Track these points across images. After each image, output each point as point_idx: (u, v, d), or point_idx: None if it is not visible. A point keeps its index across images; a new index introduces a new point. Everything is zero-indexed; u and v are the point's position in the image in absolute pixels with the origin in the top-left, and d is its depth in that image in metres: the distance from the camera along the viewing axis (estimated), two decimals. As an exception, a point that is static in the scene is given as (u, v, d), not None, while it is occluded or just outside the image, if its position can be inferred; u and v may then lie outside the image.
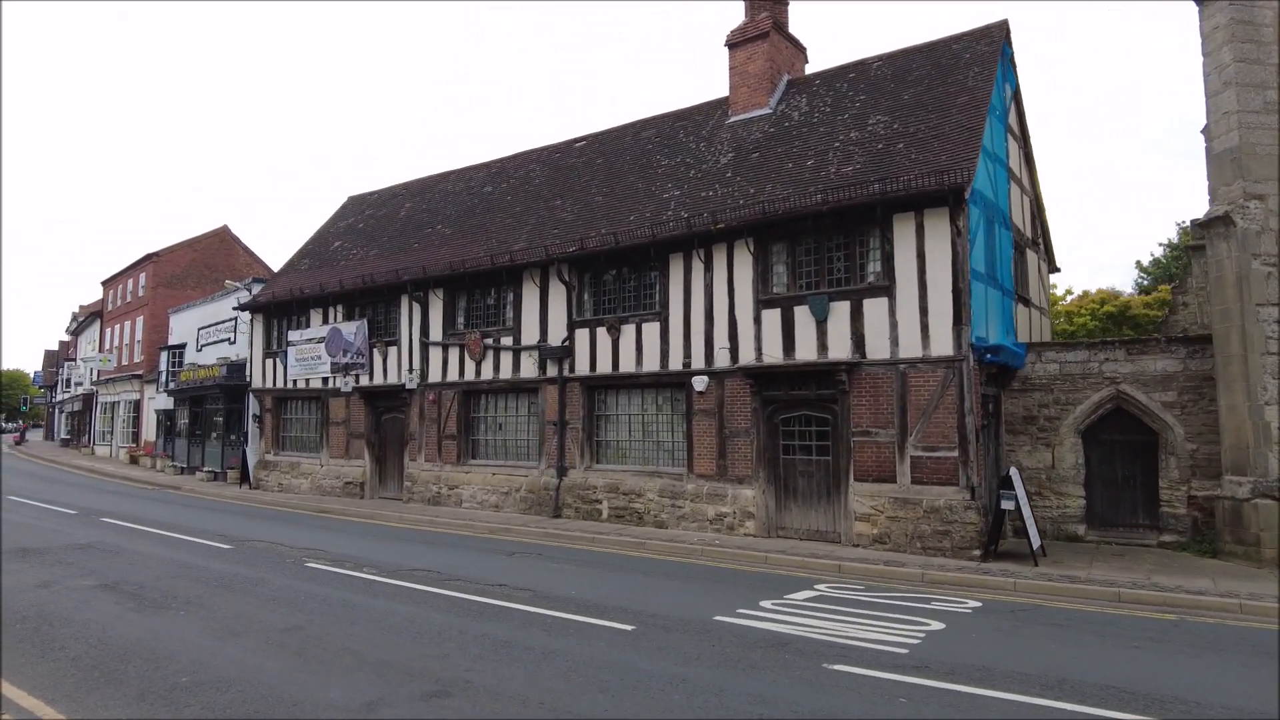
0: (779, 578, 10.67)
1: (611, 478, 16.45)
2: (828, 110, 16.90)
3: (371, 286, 21.03)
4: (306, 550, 12.24)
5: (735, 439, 14.86)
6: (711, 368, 15.20)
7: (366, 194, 28.27)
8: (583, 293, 17.45)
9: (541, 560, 11.76)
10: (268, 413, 24.90)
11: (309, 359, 23.13)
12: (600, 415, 17.12)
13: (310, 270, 24.78)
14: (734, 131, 18.12)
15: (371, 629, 7.42)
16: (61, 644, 7.02)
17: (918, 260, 13.22)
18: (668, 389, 16.09)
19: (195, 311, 32.86)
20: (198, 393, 30.27)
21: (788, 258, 14.67)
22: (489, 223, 20.85)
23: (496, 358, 18.63)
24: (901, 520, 13.00)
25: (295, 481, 23.38)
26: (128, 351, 40.41)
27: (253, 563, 11.08)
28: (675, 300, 15.77)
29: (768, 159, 16.47)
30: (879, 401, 13.42)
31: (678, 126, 19.82)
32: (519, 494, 17.90)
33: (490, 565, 11.19)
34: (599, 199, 18.76)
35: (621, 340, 16.44)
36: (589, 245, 16.83)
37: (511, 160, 23.79)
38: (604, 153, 20.81)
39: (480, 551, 12.74)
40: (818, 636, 7.33)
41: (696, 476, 15.28)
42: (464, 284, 19.45)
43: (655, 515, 15.59)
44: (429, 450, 20.01)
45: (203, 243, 39.42)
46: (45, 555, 11.66)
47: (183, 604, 8.47)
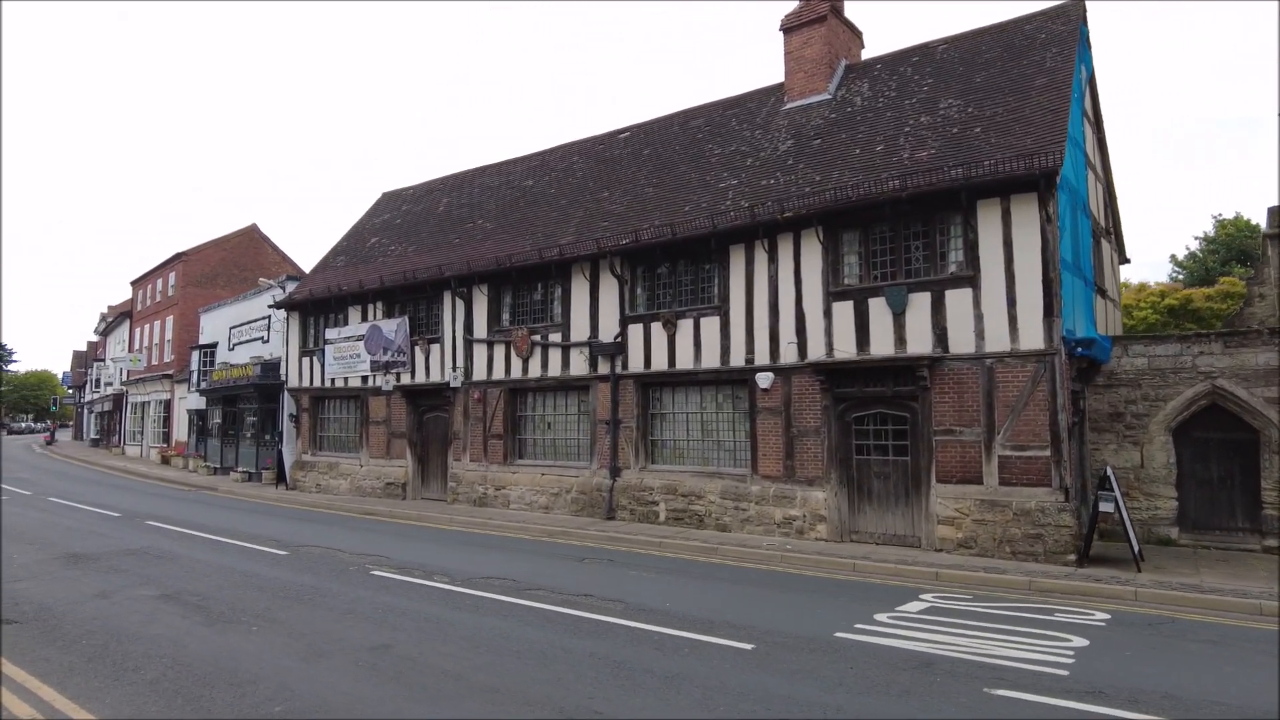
0: (875, 587, 10.00)
1: (668, 479, 15.81)
2: (893, 95, 16.17)
3: (413, 283, 20.48)
4: (366, 556, 11.69)
5: (804, 438, 14.18)
6: (777, 364, 14.52)
7: (401, 190, 27.78)
8: (635, 287, 16.82)
9: (615, 567, 11.13)
10: (304, 412, 24.46)
11: (347, 357, 22.64)
12: (655, 414, 16.48)
13: (346, 267, 24.31)
14: (791, 118, 17.42)
15: (466, 647, 6.82)
16: (134, 664, 6.47)
17: (1004, 249, 12.48)
18: (728, 386, 15.43)
19: (227, 310, 32.53)
20: (230, 392, 29.91)
21: (860, 247, 13.97)
22: (532, 216, 20.26)
23: (544, 355, 18.04)
24: (989, 523, 12.28)
25: (334, 482, 22.92)
26: (157, 351, 40.21)
27: (314, 570, 10.53)
28: (736, 293, 15.10)
29: (832, 145, 15.76)
30: (963, 398, 12.70)
31: (729, 115, 19.14)
32: (570, 495, 17.30)
33: (565, 573, 10.59)
34: (649, 190, 18.12)
35: (678, 335, 15.80)
36: (643, 237, 16.19)
37: (552, 153, 23.19)
38: (651, 143, 20.17)
39: (546, 557, 12.14)
40: (959, 655, 6.66)
41: (761, 478, 14.61)
42: (509, 279, 18.87)
43: (717, 518, 14.94)
44: (474, 450, 19.46)
45: (231, 241, 39.13)
46: (98, 561, 11.17)
47: (253, 618, 7.91)
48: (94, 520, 16.23)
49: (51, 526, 15.16)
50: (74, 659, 6.61)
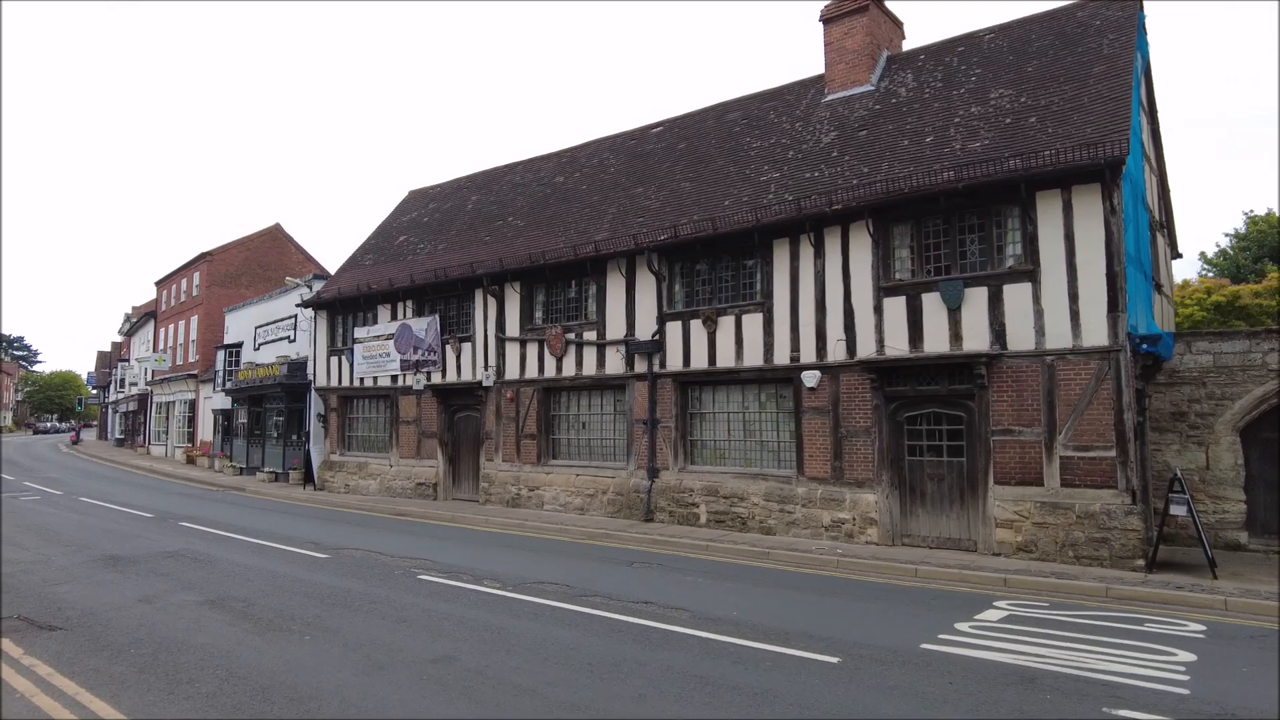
0: (942, 594, 9.57)
1: (709, 480, 15.42)
2: (939, 85, 15.69)
3: (444, 281, 20.19)
4: (409, 559, 11.37)
5: (853, 439, 13.74)
6: (824, 361, 14.09)
7: (428, 188, 27.54)
8: (673, 283, 16.43)
9: (667, 572, 10.75)
10: (333, 412, 24.24)
11: (377, 356, 22.41)
12: (694, 413, 16.09)
13: (375, 266, 24.07)
14: (833, 110, 16.98)
15: (534, 659, 6.46)
16: (188, 676, 6.15)
17: (1065, 241, 12.01)
18: (772, 385, 15.01)
19: (252, 310, 32.43)
20: (257, 392, 29.80)
21: (912, 241, 13.52)
22: (565, 213, 19.92)
23: (579, 353, 17.69)
24: (1050, 527, 11.80)
25: (363, 483, 22.68)
26: (182, 351, 40.25)
27: (359, 575, 10.22)
28: (780, 289, 14.68)
29: (878, 137, 15.31)
30: (1022, 397, 12.23)
31: (767, 107, 18.72)
32: (606, 496, 16.94)
33: (617, 578, 10.21)
34: (686, 185, 17.73)
35: (719, 333, 15.40)
36: (682, 233, 15.80)
37: (582, 149, 22.84)
38: (685, 137, 19.77)
39: (591, 560, 11.78)
40: (1060, 669, 6.23)
41: (808, 479, 14.19)
42: (542, 277, 18.54)
43: (761, 521, 14.53)
44: (506, 450, 19.14)
45: (255, 241, 39.10)
46: (137, 565, 10.91)
47: (304, 626, 7.59)
48: (127, 521, 16.03)
49: (86, 528, 14.96)
50: (124, 669, 6.31)
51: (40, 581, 9.90)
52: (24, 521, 15.88)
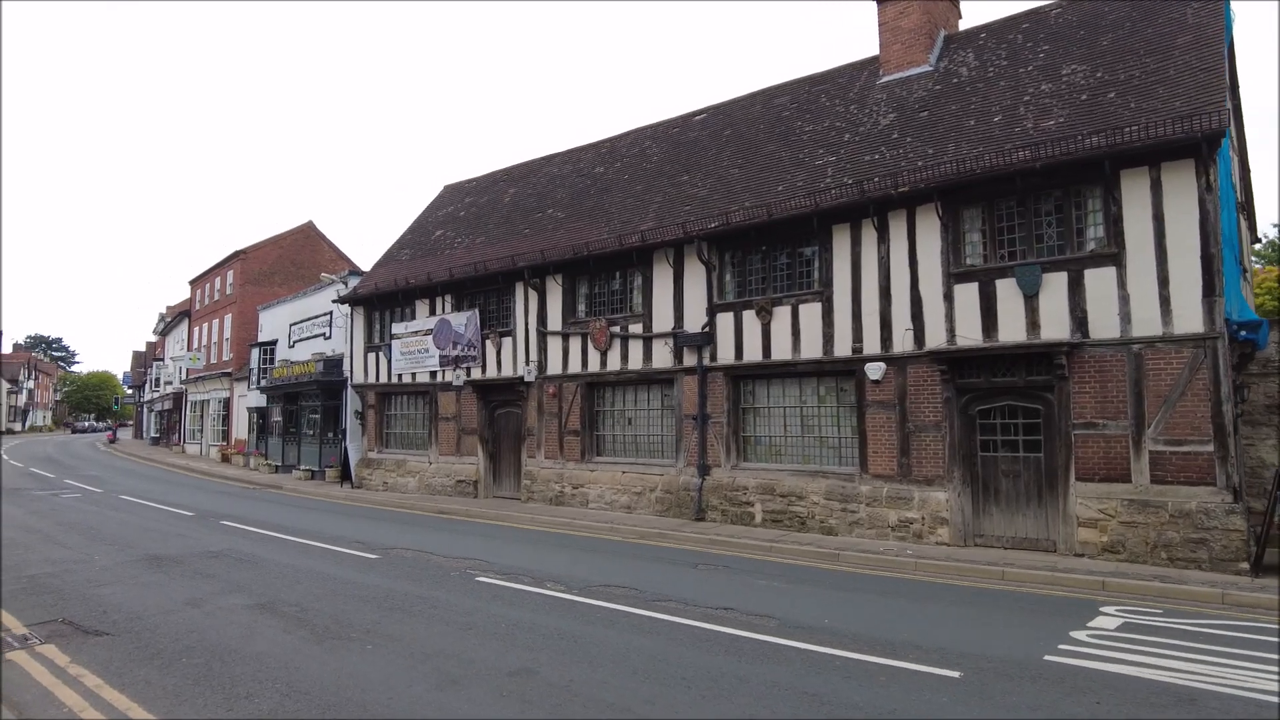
0: (1038, 598, 8.87)
1: (764, 478, 14.78)
2: (1004, 64, 14.91)
3: (484, 274, 19.73)
4: (463, 560, 10.86)
5: (921, 434, 13.04)
6: (889, 353, 13.40)
7: (464, 182, 27.13)
8: (724, 273, 15.81)
9: (736, 575, 10.13)
10: (370, 409, 23.91)
11: (415, 352, 22.01)
12: (747, 408, 15.46)
13: (412, 260, 23.69)
14: (890, 92, 16.25)
15: (621, 673, 5.89)
16: (246, 689, 5.66)
17: (1154, 222, 11.23)
18: (832, 378, 14.35)
19: (286, 307, 32.27)
20: (292, 389, 29.61)
21: (984, 225, 12.79)
22: (606, 204, 19.37)
23: (624, 347, 17.13)
24: (1139, 526, 11.03)
25: (402, 480, 22.31)
26: (216, 350, 40.30)
27: (413, 576, 9.72)
28: (841, 277, 14.01)
29: (940, 117, 14.56)
30: (1106, 388, 11.47)
31: (817, 91, 18.02)
32: (654, 495, 16.36)
33: (686, 581, 9.62)
34: (735, 171, 17.09)
35: (774, 324, 14.75)
36: (734, 220, 15.17)
37: (622, 139, 22.28)
38: (731, 123, 19.13)
39: (653, 561, 11.20)
40: (1222, 689, 5.54)
41: (872, 477, 13.51)
42: (585, 268, 18.00)
43: (821, 520, 13.87)
44: (549, 447, 18.64)
45: (288, 239, 39.01)
46: (181, 565, 10.51)
47: (364, 633, 7.09)
48: (168, 519, 15.73)
49: (127, 526, 14.67)
50: (178, 681, 5.84)
51: (84, 582, 9.52)
52: (66, 519, 15.64)
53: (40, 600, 8.60)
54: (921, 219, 13.19)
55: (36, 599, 8.67)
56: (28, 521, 15.31)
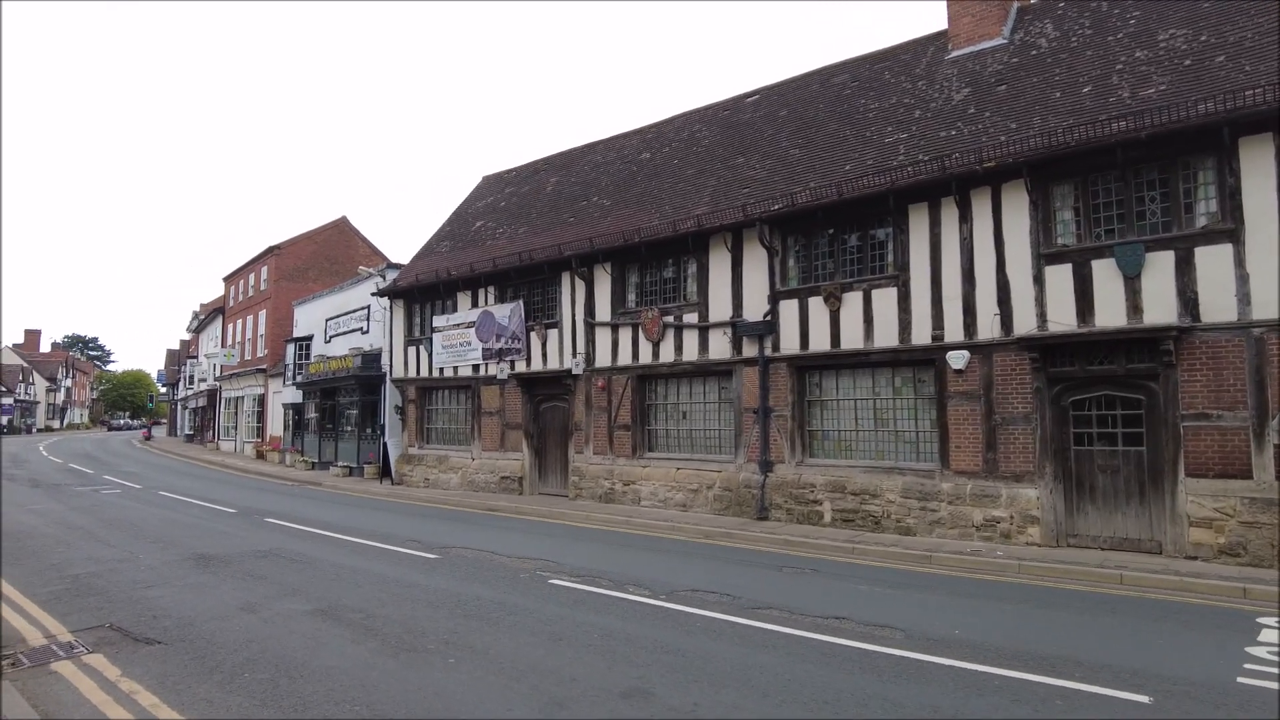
0: (1176, 607, 7.99)
1: (833, 474, 13.94)
2: (1089, 33, 13.94)
3: (529, 264, 19.06)
4: (528, 560, 10.16)
5: (1008, 427, 12.15)
6: (973, 340, 12.52)
7: (503, 172, 26.52)
8: (787, 258, 14.98)
9: (829, 578, 9.31)
10: (410, 404, 23.36)
11: (457, 345, 21.41)
12: (813, 401, 14.62)
13: (452, 252, 23.11)
14: (960, 66, 15.33)
15: (750, 695, 5.12)
16: (320, 710, 4.99)
17: (1278, 194, 10.24)
18: (908, 368, 13.48)
19: (322, 302, 31.87)
20: (329, 385, 29.18)
21: (1077, 202, 11.86)
22: (656, 189, 18.61)
23: (678, 337, 16.36)
24: (1262, 527, 10.07)
25: (444, 476, 21.72)
26: (250, 346, 40.10)
27: (480, 579, 9.02)
28: (918, 260, 13.14)
29: (1022, 90, 13.64)
30: (1221, 376, 10.52)
31: (879, 68, 17.13)
32: (711, 492, 15.58)
33: (776, 585, 8.84)
34: (795, 152, 16.26)
35: (843, 311, 13.91)
36: (799, 201, 14.34)
37: (668, 124, 21.52)
38: (786, 103, 18.29)
39: (730, 563, 10.43)
40: None
41: (954, 473, 12.63)
42: (636, 256, 17.25)
43: (898, 520, 13.02)
44: (597, 442, 17.93)
45: (322, 234, 38.68)
46: (230, 565, 9.92)
47: (441, 644, 6.39)
48: (211, 517, 15.23)
49: (170, 523, 14.17)
50: (243, 701, 5.17)
51: (130, 583, 8.95)
52: (107, 516, 15.20)
53: (86, 603, 8.03)
54: (1008, 196, 12.28)
55: (82, 601, 8.11)
56: (69, 518, 14.88)
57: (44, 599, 8.21)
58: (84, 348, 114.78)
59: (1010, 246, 12.23)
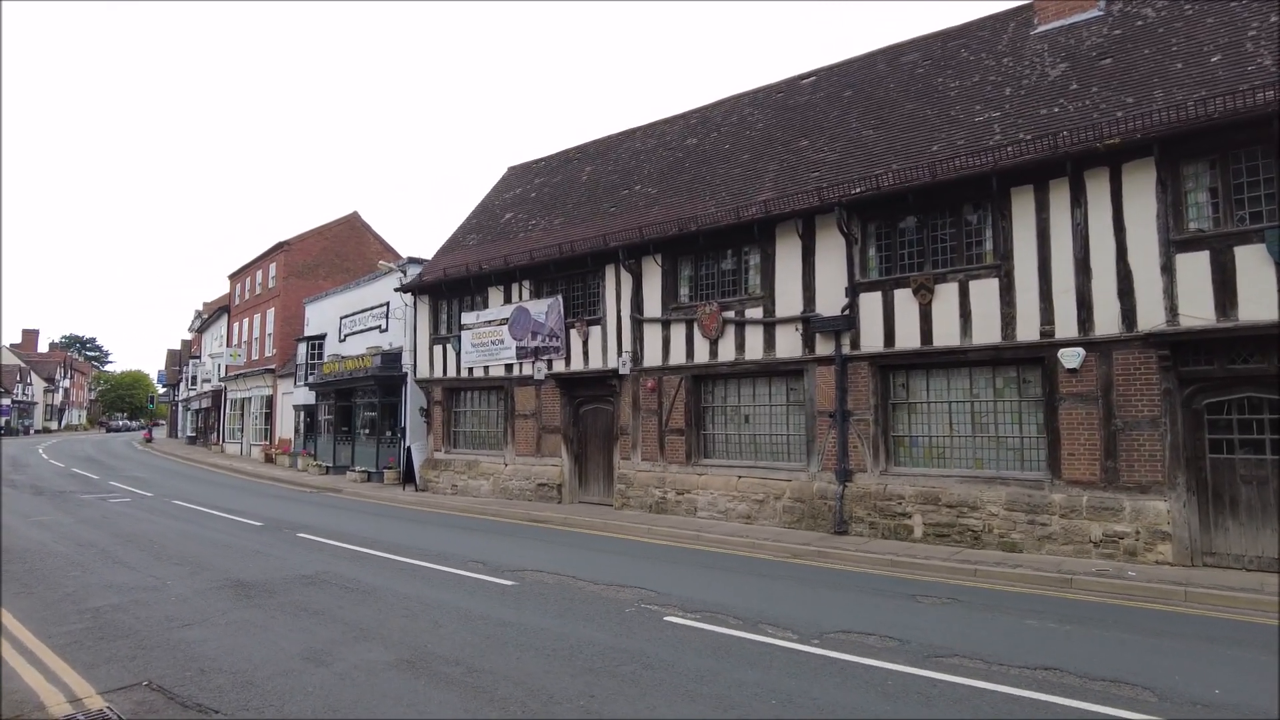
0: None
1: (923, 485, 12.70)
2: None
3: (570, 256, 17.80)
4: (622, 588, 8.82)
5: (1132, 432, 10.91)
6: (1089, 336, 11.28)
7: (530, 162, 25.23)
8: (867, 247, 13.73)
9: (981, 611, 7.95)
10: (436, 405, 22.07)
11: (488, 343, 20.14)
12: (899, 403, 13.37)
13: (481, 245, 21.82)
14: (1051, 41, 14.09)
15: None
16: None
17: None
18: (1011, 366, 12.24)
19: (336, 299, 30.54)
20: (344, 386, 27.90)
21: (1213, 182, 10.62)
22: (708, 176, 17.35)
23: (739, 334, 15.11)
24: None
25: (474, 483, 20.44)
26: (258, 345, 38.75)
27: (578, 614, 7.68)
28: (1023, 248, 11.90)
29: (1132, 63, 12.39)
30: (1396, 377, 9.28)
31: (954, 46, 15.89)
32: (780, 503, 14.32)
33: (927, 621, 7.43)
34: (869, 133, 15.00)
35: (936, 304, 12.66)
36: (884, 183, 13.09)
37: (714, 109, 20.25)
38: (850, 84, 17.04)
39: (852, 590, 9.14)
40: None
41: (1066, 484, 11.39)
42: (691, 247, 16.00)
43: (1001, 534, 11.77)
44: (646, 447, 16.66)
45: (333, 230, 37.34)
46: (275, 595, 8.63)
47: (581, 714, 5.09)
48: (236, 531, 13.91)
49: (193, 539, 12.86)
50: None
51: (163, 621, 7.66)
52: (122, 530, 13.87)
53: (114, 649, 6.74)
54: (1130, 177, 11.05)
55: (109, 647, 6.82)
56: (80, 533, 13.56)
57: (62, 643, 6.92)
58: (82, 348, 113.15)
59: (1133, 233, 11.00)
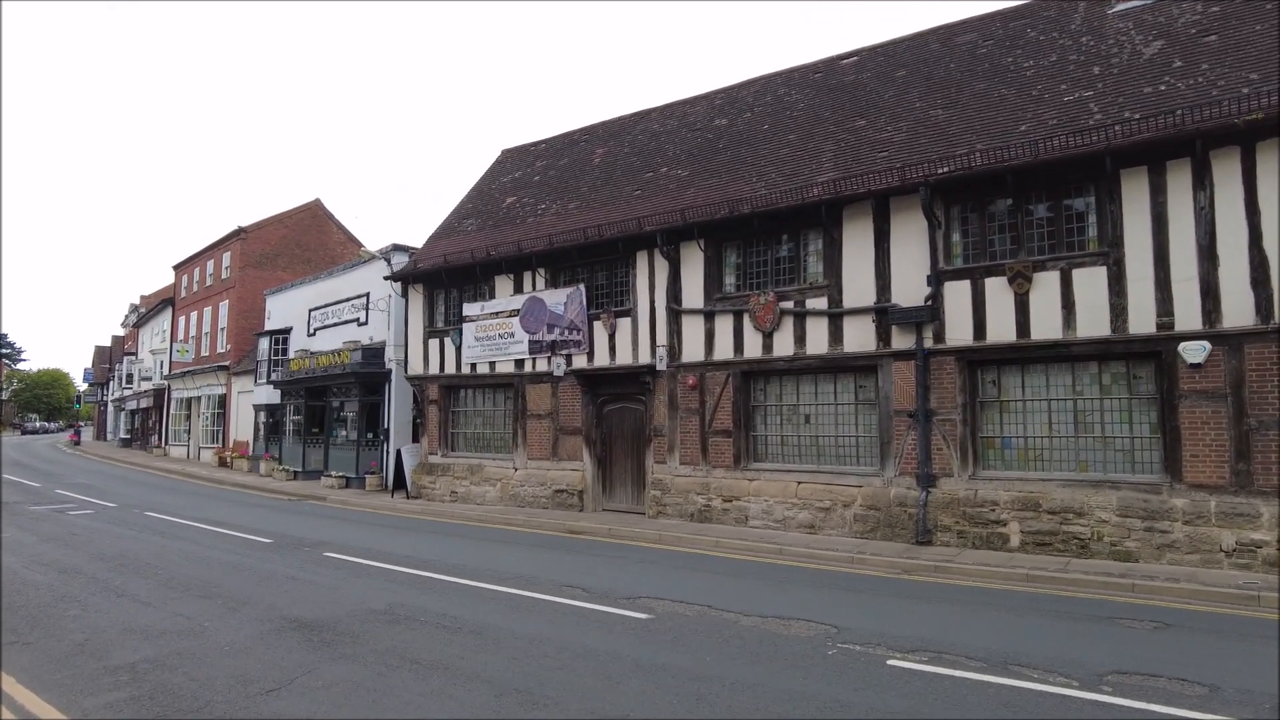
0: None
1: (1020, 490, 11.71)
2: (1300, -26, 12.02)
3: (596, 242, 16.35)
4: (785, 620, 7.34)
5: (1267, 432, 10.10)
6: (1215, 329, 10.44)
7: (527, 145, 23.60)
8: (950, 232, 12.71)
9: (1202, 635, 6.91)
10: (432, 405, 20.28)
11: (494, 337, 18.51)
12: (988, 402, 12.37)
13: (482, 231, 20.14)
14: (1136, 19, 13.31)
15: None
16: None
17: None
18: (1119, 362, 11.34)
19: (304, 290, 28.25)
20: (316, 383, 25.76)
21: (1360, 162, 9.87)
22: (749, 157, 16.13)
23: (799, 326, 13.93)
24: None
25: (477, 489, 18.77)
26: (209, 340, 35.96)
27: (763, 657, 6.14)
28: (1136, 234, 11.00)
29: (1243, 40, 11.65)
30: None
31: (1018, 26, 15.03)
32: (850, 511, 13.19)
33: (1176, 650, 6.31)
34: (938, 113, 13.99)
35: (1034, 294, 11.69)
36: (974, 163, 12.06)
37: (742, 89, 19.06)
38: (902, 64, 16.04)
39: (1030, 614, 7.94)
40: None
41: (1189, 487, 10.53)
42: (739, 231, 14.76)
43: (1113, 543, 10.85)
44: (686, 450, 15.34)
45: (293, 218, 34.85)
46: (361, 643, 6.96)
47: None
48: (247, 550, 12.02)
49: (200, 561, 10.97)
50: None
51: (232, 682, 5.94)
52: (105, 551, 11.80)
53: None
54: (1266, 157, 10.23)
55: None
56: (53, 555, 11.49)
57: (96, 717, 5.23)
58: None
59: (1270, 217, 10.18)
